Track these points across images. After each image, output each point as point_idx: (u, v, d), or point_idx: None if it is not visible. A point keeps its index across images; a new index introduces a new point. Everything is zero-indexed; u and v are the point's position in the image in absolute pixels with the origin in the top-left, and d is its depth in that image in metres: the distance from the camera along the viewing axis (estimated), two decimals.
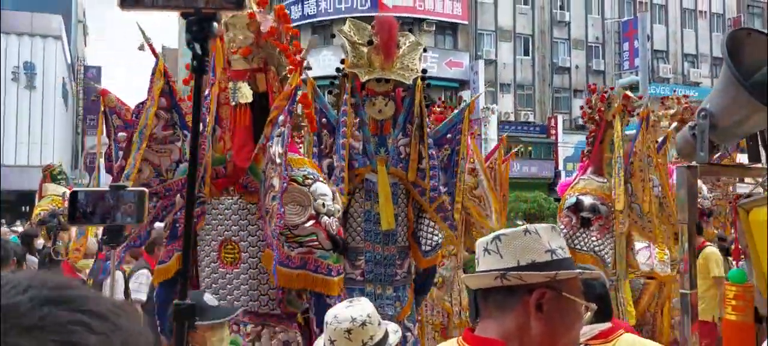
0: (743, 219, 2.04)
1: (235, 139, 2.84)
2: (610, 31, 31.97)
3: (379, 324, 2.35)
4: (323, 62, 28.76)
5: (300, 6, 28.89)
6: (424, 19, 28.75)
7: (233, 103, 2.82)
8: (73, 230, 6.66)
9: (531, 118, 30.47)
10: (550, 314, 1.37)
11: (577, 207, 4.70)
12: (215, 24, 1.07)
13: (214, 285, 2.91)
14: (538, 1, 30.94)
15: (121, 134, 2.84)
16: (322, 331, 2.56)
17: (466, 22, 29.46)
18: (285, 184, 2.71)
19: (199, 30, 1.05)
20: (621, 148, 4.65)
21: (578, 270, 1.45)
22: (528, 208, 20.15)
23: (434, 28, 29.23)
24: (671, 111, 6.60)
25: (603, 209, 4.65)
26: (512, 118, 30.12)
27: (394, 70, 3.36)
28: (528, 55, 30.91)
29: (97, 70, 41.33)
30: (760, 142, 2.05)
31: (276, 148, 2.69)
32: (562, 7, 31.36)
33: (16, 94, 26.88)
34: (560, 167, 29.55)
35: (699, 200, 5.24)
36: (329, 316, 2.34)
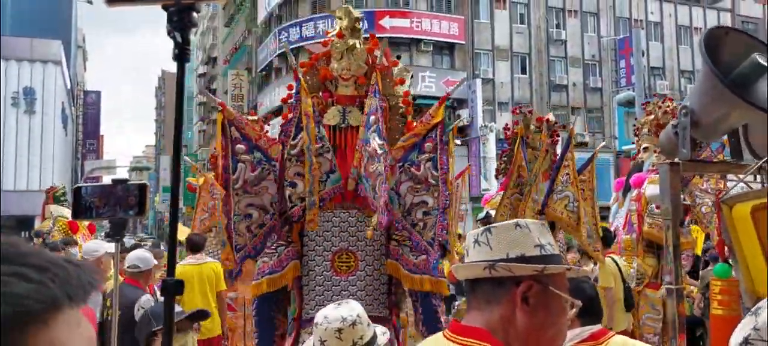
0: (727, 215, 2.06)
1: (346, 159, 3.10)
2: (607, 49, 32.21)
3: (368, 325, 2.36)
4: None
5: (298, 28, 29.14)
6: (421, 40, 28.98)
7: (344, 126, 3.12)
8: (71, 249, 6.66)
9: None
10: (536, 307, 1.39)
11: (486, 220, 4.98)
12: (194, 14, 1.11)
13: (326, 292, 3.11)
14: (534, 20, 31.23)
15: (240, 146, 2.95)
16: (428, 328, 2.98)
17: (463, 42, 29.69)
18: (448, 202, 3.10)
19: (179, 20, 1.09)
20: (524, 169, 5.02)
21: (566, 266, 1.47)
22: None
23: (432, 49, 29.45)
24: (652, 116, 6.31)
25: None
26: None
27: (389, 93, 3.62)
28: (525, 74, 31.10)
29: (97, 95, 41.58)
30: (741, 139, 2.08)
31: (430, 171, 3.05)
32: (558, 26, 31.63)
33: (16, 119, 27.01)
34: None
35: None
36: (319, 317, 2.35)
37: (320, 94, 3.27)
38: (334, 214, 3.15)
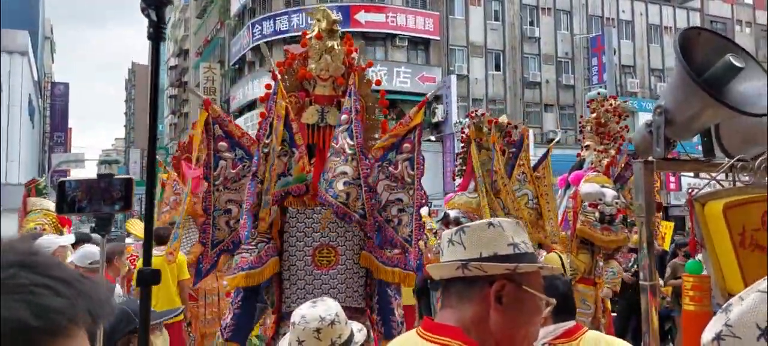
0: (699, 212, 2.10)
1: (324, 157, 3.21)
2: (579, 47, 32.63)
3: (346, 323, 2.35)
4: None
5: (272, 22, 28.91)
6: (396, 35, 29.00)
7: (322, 125, 3.25)
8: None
9: None
10: (509, 306, 1.39)
11: (445, 220, 5.25)
12: None
13: (308, 286, 3.21)
14: (508, 17, 31.47)
15: (222, 144, 3.06)
16: (383, 318, 3.25)
17: (438, 38, 29.79)
18: (424, 201, 3.27)
19: None
20: (479, 168, 5.32)
21: (539, 265, 1.47)
22: None
23: (407, 44, 29.50)
24: (594, 115, 6.27)
25: (464, 221, 5.13)
26: None
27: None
28: (499, 70, 31.35)
29: (65, 87, 40.64)
30: (713, 137, 2.12)
31: (407, 170, 3.23)
32: (532, 23, 31.94)
33: None
34: None
35: (600, 207, 5.52)
36: (296, 316, 2.33)
37: (297, 93, 3.35)
38: (315, 211, 3.23)
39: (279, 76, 3.20)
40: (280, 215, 3.22)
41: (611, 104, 6.24)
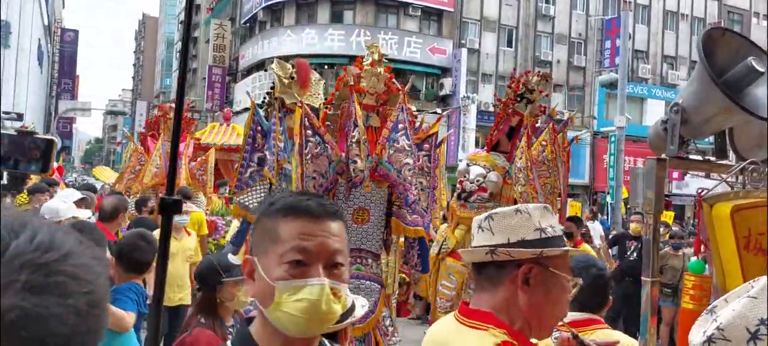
0: (707, 213, 2.10)
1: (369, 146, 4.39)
2: (594, 28, 32.26)
3: (346, 296, 2.39)
4: (306, 39, 28.55)
5: None
6: (409, 4, 28.70)
7: (367, 125, 4.37)
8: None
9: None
10: (537, 287, 1.47)
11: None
12: None
13: (349, 236, 3.99)
14: None
15: (308, 132, 4.16)
16: (422, 259, 4.52)
17: (452, 10, 29.48)
18: (436, 183, 4.73)
19: None
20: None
21: (566, 248, 1.54)
22: None
23: (420, 14, 29.20)
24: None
25: None
26: (492, 108, 30.28)
27: (307, 96, 4.80)
28: (511, 47, 31.07)
29: (75, 34, 40.44)
30: (727, 139, 2.12)
31: (425, 162, 4.49)
32: (547, 1, 31.53)
33: None
34: None
35: (464, 183, 5.53)
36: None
37: (347, 101, 4.54)
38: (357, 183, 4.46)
39: (354, 97, 4.32)
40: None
41: (522, 80, 6.07)
